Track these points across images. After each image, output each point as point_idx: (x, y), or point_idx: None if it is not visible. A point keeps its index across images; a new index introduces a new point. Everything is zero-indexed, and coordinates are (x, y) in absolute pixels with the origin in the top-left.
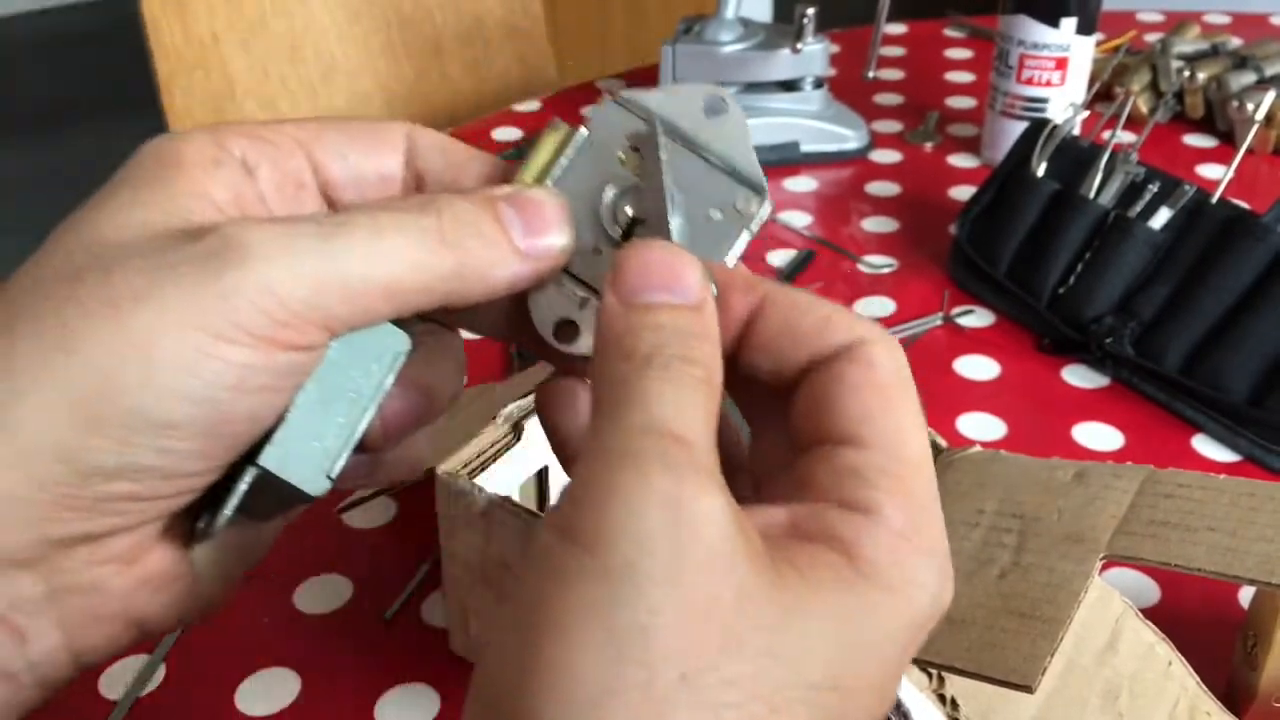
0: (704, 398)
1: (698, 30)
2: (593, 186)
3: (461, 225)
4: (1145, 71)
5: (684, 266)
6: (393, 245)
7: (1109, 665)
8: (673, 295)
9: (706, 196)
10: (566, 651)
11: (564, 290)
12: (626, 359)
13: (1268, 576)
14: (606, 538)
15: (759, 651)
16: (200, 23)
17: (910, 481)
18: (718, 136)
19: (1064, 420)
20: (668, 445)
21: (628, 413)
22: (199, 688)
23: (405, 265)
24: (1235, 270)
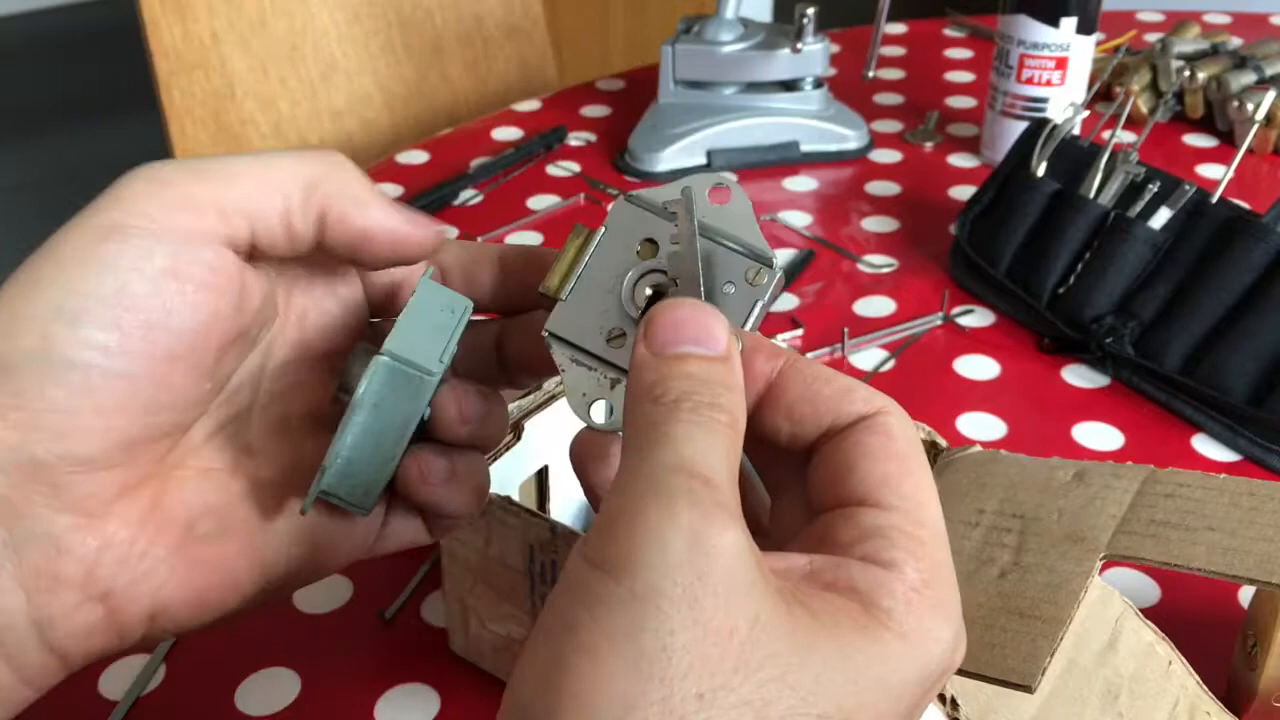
0: (728, 442)
1: (698, 30)
2: (613, 276)
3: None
4: (1145, 71)
5: (711, 321)
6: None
7: (1109, 665)
8: (701, 347)
9: (721, 273)
10: (595, 669)
11: (595, 373)
12: (656, 402)
13: (1268, 576)
14: (633, 565)
15: (772, 678)
16: (200, 23)
17: (929, 544)
18: (724, 218)
19: (1064, 420)
20: (693, 483)
21: (657, 451)
22: (199, 688)
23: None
24: (1235, 270)
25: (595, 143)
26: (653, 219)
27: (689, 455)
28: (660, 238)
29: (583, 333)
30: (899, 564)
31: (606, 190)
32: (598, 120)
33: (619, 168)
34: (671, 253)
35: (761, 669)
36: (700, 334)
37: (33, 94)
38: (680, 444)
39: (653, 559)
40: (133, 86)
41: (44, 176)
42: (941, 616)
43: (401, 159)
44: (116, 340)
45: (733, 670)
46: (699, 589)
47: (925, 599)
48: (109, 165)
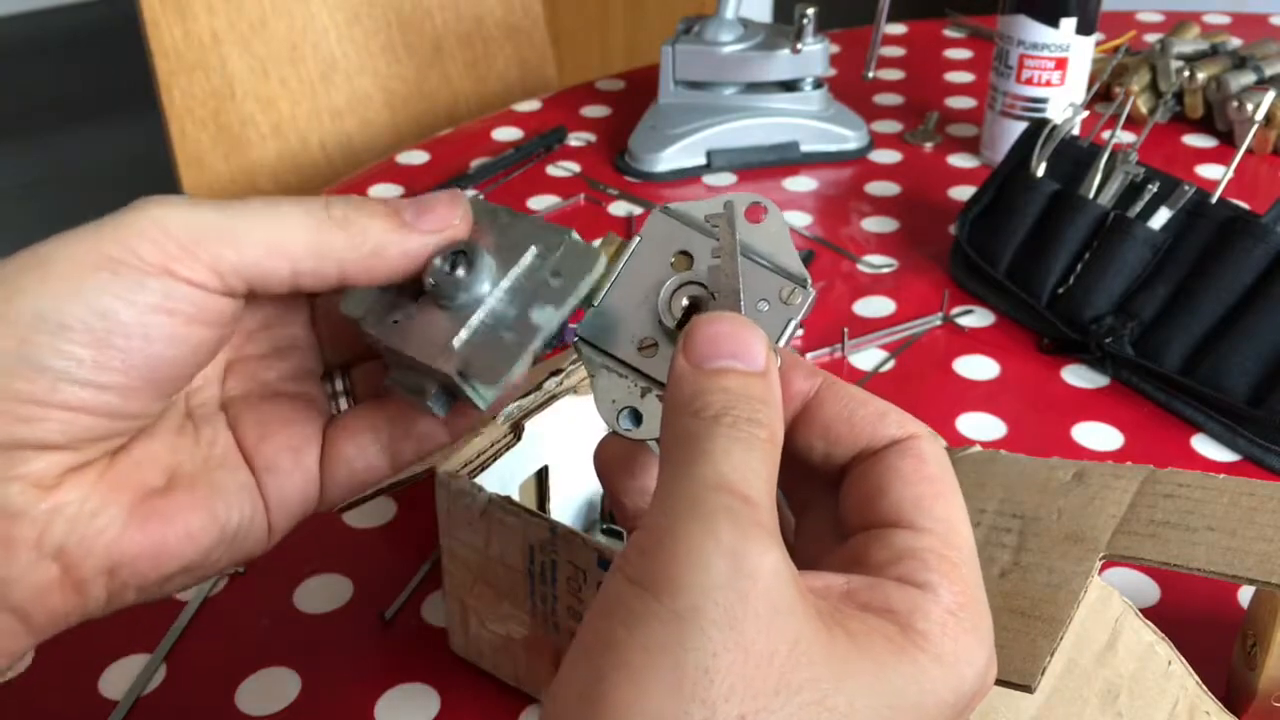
0: (767, 458)
1: (698, 30)
2: (647, 286)
3: (350, 206)
4: (1145, 71)
5: (751, 336)
6: (283, 212)
7: (1109, 665)
8: (740, 362)
9: (755, 291)
10: (635, 688)
11: (626, 381)
12: (696, 416)
13: (1267, 576)
14: (675, 584)
15: (811, 701)
16: (200, 23)
17: (962, 567)
18: (759, 237)
19: (1064, 420)
20: (733, 501)
21: (697, 467)
22: (199, 688)
23: (293, 227)
24: (1235, 270)
25: (595, 143)
26: (689, 232)
27: (728, 472)
28: (697, 251)
29: (614, 340)
30: (934, 586)
31: (606, 190)
32: (598, 120)
33: (619, 168)
34: (711, 266)
35: (801, 692)
36: (740, 349)
37: (33, 94)
38: (720, 460)
39: (694, 579)
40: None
41: (44, 176)
42: (976, 640)
43: (401, 159)
44: (94, 357)
45: (773, 693)
46: (740, 610)
47: (960, 622)
48: (109, 165)
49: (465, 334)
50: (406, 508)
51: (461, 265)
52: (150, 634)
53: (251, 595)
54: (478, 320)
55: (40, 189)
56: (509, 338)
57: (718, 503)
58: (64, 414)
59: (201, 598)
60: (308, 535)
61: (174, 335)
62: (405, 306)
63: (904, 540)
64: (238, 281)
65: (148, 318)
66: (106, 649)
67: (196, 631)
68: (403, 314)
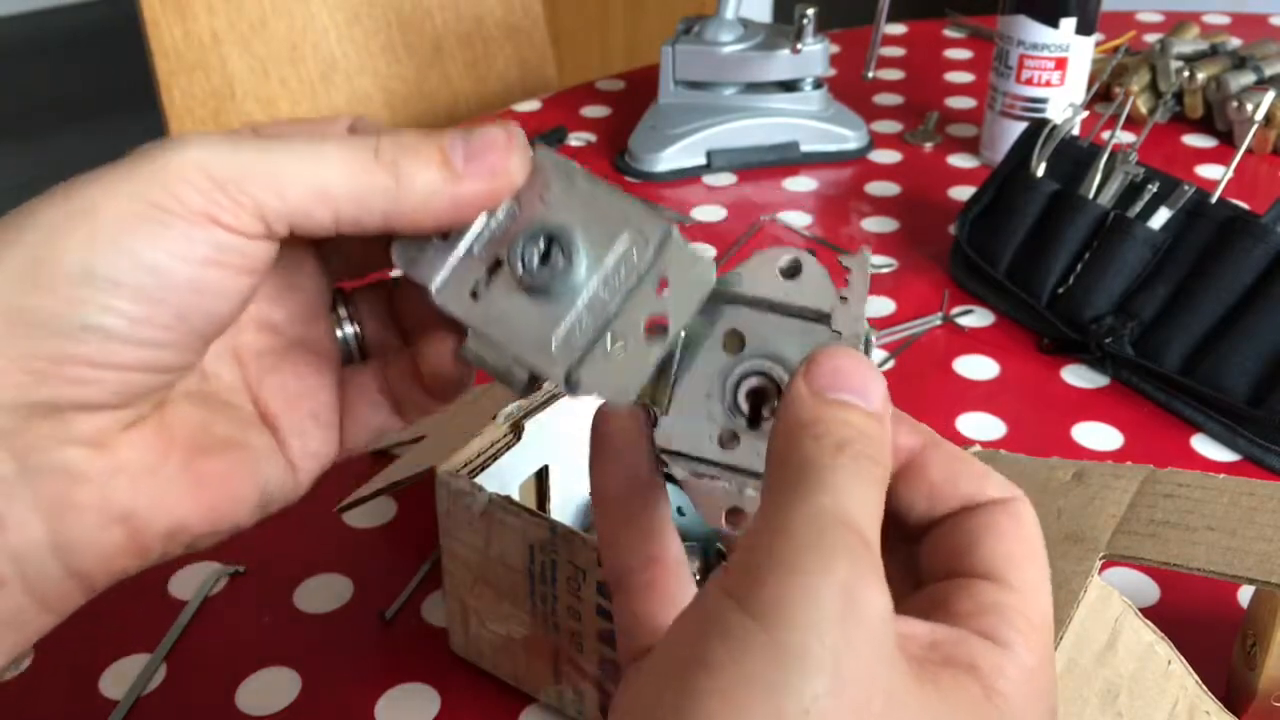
0: (880, 498)
1: (698, 30)
2: (709, 378)
3: (398, 147)
4: (1145, 72)
5: (872, 377)
6: (328, 153)
7: (1109, 665)
8: (860, 400)
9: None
10: (731, 716)
11: (721, 482)
12: (817, 441)
13: (1267, 576)
14: (784, 617)
15: None
16: (200, 23)
17: (1041, 632)
18: (801, 293)
19: (1063, 420)
20: (851, 538)
21: (816, 495)
22: (199, 688)
23: (337, 171)
24: (1234, 270)
25: (595, 143)
26: (730, 308)
27: (849, 507)
28: (744, 329)
29: (696, 442)
30: (1014, 645)
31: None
32: (598, 120)
33: (619, 168)
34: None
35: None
36: (861, 386)
37: (33, 94)
38: (841, 493)
39: (806, 615)
40: (133, 86)
41: (44, 176)
42: (1046, 704)
43: None
44: (145, 313)
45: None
46: (845, 653)
47: (1034, 686)
48: None
49: (564, 332)
50: (406, 508)
51: (557, 254)
52: (150, 634)
53: (251, 595)
54: (577, 317)
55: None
56: (617, 346)
57: (838, 539)
58: (116, 374)
59: (201, 598)
60: (308, 535)
61: (222, 287)
62: (476, 272)
63: (991, 594)
64: (281, 227)
65: (198, 271)
66: (106, 649)
67: (196, 631)
68: (479, 286)
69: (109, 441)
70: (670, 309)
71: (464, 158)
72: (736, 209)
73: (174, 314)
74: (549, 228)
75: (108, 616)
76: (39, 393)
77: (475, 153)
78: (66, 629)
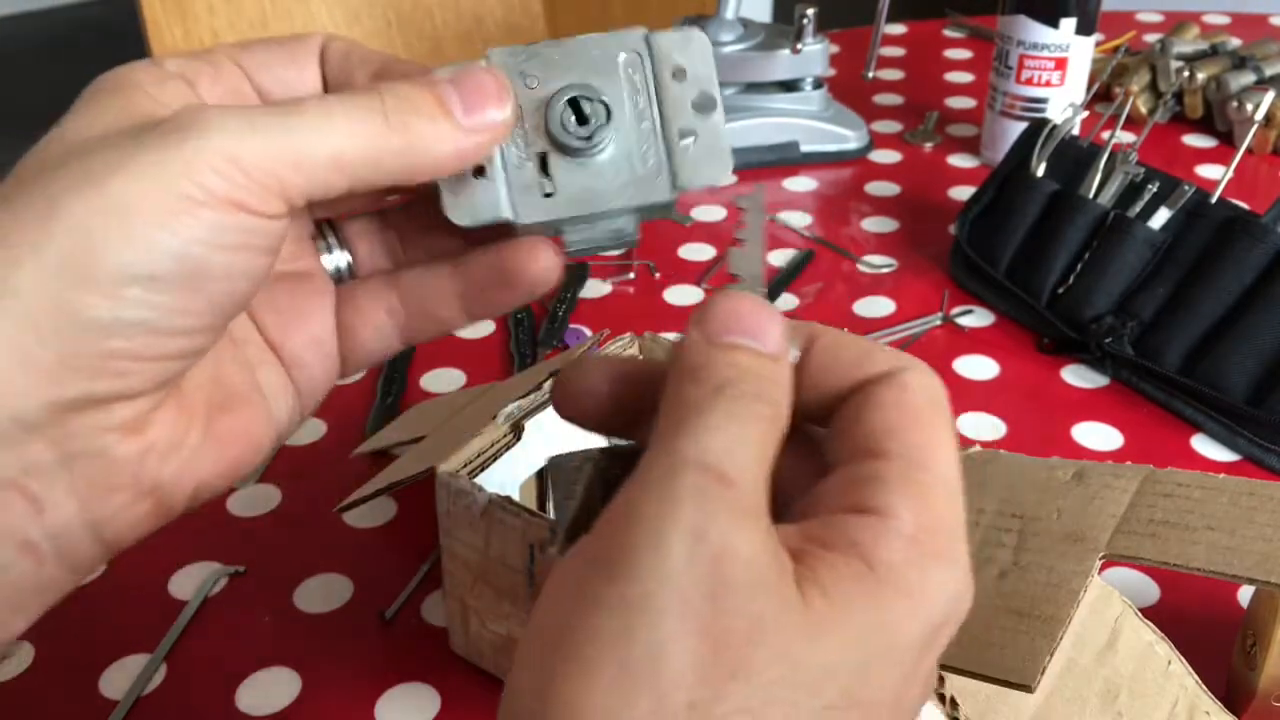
0: (763, 435)
1: None
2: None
3: (404, 105)
4: (1144, 72)
5: (770, 319)
6: (340, 123)
7: (1108, 665)
8: (756, 342)
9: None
10: (582, 677)
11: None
12: (697, 384)
13: (1266, 575)
14: (628, 568)
15: (773, 680)
16: (200, 23)
17: (930, 491)
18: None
19: (1063, 420)
20: (705, 479)
21: (680, 440)
22: (199, 688)
23: (352, 140)
24: (1234, 270)
25: None
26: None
27: (712, 448)
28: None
29: None
30: (894, 510)
31: None
32: None
33: None
34: (732, 251)
35: (766, 670)
36: (754, 328)
37: (33, 94)
38: (705, 435)
39: (648, 562)
40: None
41: None
42: (944, 565)
43: None
44: (182, 303)
45: (729, 677)
46: (694, 595)
47: (925, 548)
48: None
49: (639, 161)
50: (406, 508)
51: (587, 107)
52: (150, 634)
53: (251, 595)
54: (638, 142)
55: None
56: (687, 141)
57: (686, 482)
58: (155, 364)
59: (201, 598)
60: (308, 535)
61: (249, 267)
62: (529, 177)
63: (868, 468)
64: (300, 201)
65: (229, 257)
66: (106, 649)
67: (196, 631)
68: (542, 184)
69: (141, 424)
70: (700, 81)
71: (462, 111)
72: (737, 209)
73: (207, 301)
74: (563, 94)
75: (108, 616)
76: (80, 386)
77: (472, 104)
78: (66, 629)
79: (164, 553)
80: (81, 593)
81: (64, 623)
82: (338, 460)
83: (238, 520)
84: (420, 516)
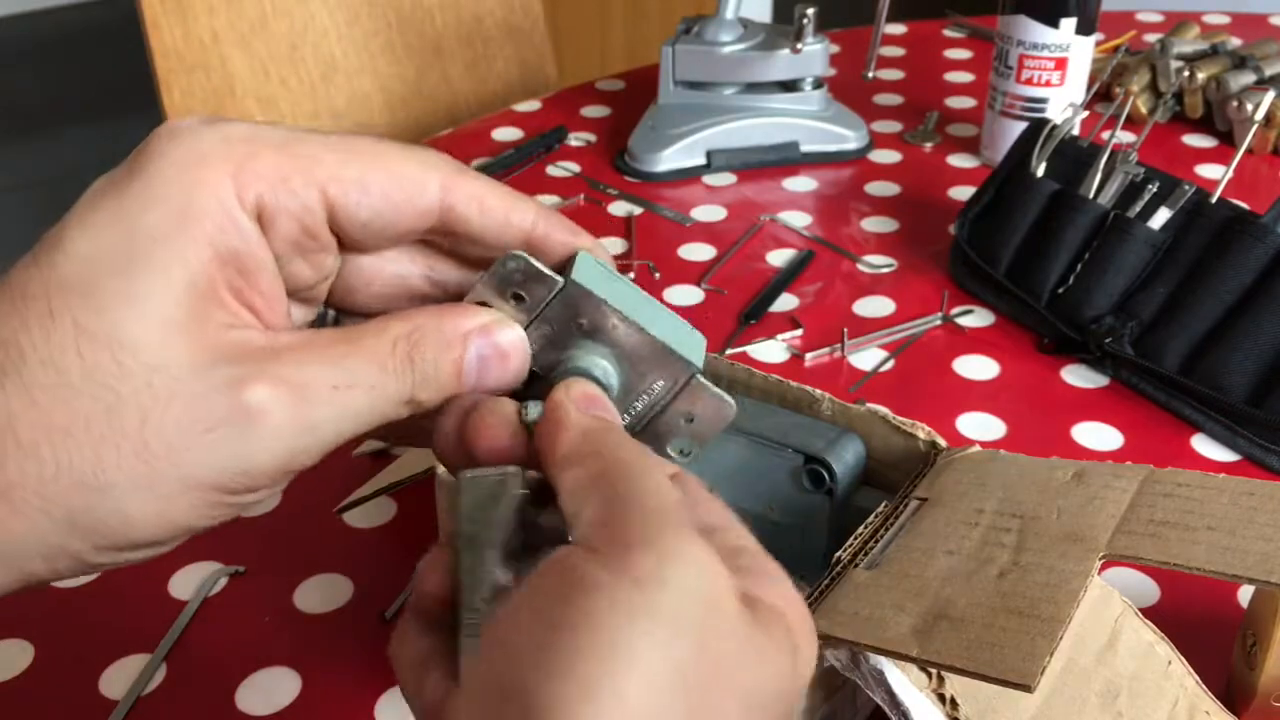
0: None
1: (697, 30)
2: None
3: (427, 384)
4: (1145, 72)
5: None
6: (360, 410)
7: (1108, 665)
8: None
9: None
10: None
11: None
12: None
13: (1267, 575)
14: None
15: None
16: (200, 23)
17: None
18: None
19: (1063, 420)
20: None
21: None
22: (199, 688)
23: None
24: (1234, 270)
25: (595, 143)
26: None
27: None
28: None
29: None
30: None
31: (606, 190)
32: (598, 120)
33: (619, 168)
34: None
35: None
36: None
37: (33, 94)
38: None
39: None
40: (133, 86)
41: (43, 177)
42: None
43: None
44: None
45: None
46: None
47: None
48: (109, 165)
49: None
50: (406, 508)
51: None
52: (150, 634)
53: (251, 595)
54: None
55: (40, 189)
56: None
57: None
58: None
59: (201, 598)
60: (308, 535)
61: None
62: None
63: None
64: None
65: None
66: (106, 649)
67: (196, 631)
68: None
69: None
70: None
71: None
72: (736, 209)
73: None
74: (581, 371)
75: (108, 616)
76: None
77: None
78: (66, 629)
79: None
80: (81, 592)
81: (64, 623)
82: (338, 460)
83: (238, 520)
84: (420, 516)
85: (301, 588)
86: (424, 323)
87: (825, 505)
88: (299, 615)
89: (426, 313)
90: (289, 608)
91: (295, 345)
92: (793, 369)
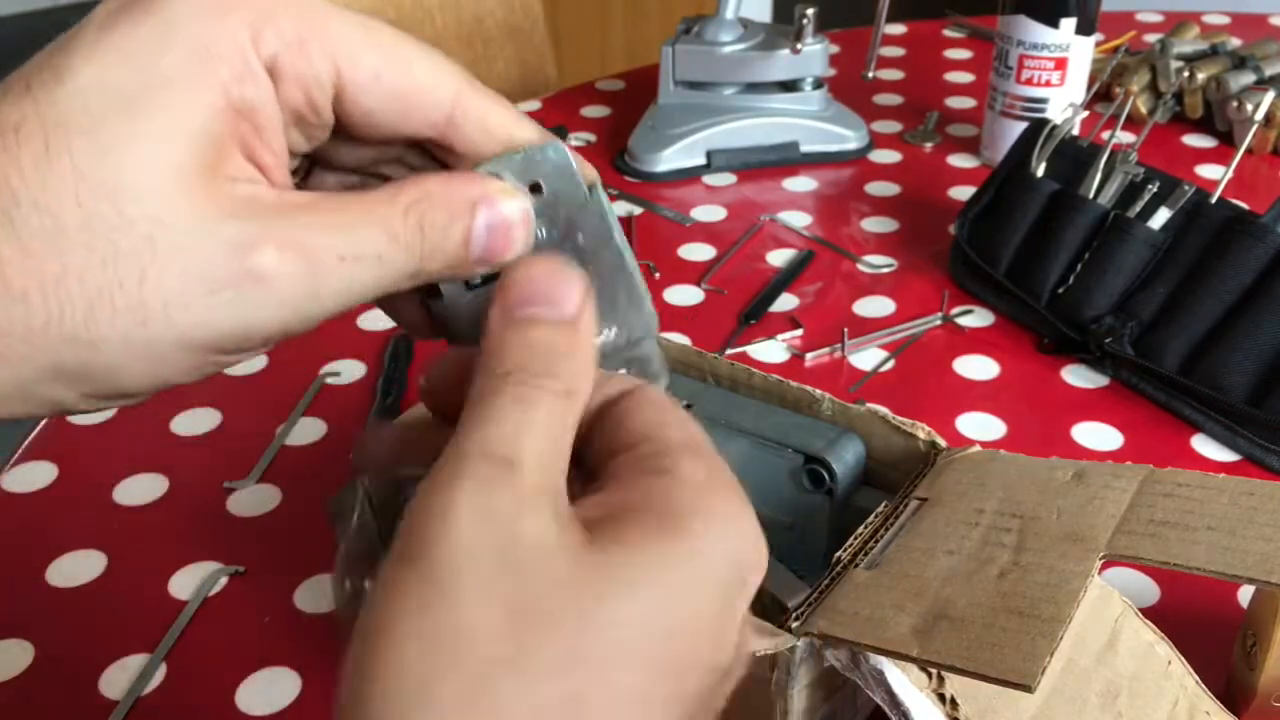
0: (551, 414)
1: (697, 30)
2: None
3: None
4: (1144, 72)
5: (566, 282)
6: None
7: (1108, 665)
8: (553, 309)
9: None
10: (390, 649)
11: None
12: (487, 375)
13: (1267, 575)
14: (422, 554)
15: (576, 629)
16: None
17: (711, 458)
18: None
19: (1063, 420)
20: (491, 468)
21: (466, 435)
22: (199, 687)
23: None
24: (1234, 270)
25: (595, 143)
26: None
27: (492, 436)
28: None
29: None
30: (679, 467)
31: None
32: (598, 120)
33: (619, 168)
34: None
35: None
36: (553, 295)
37: None
38: (489, 425)
39: (438, 546)
40: None
41: None
42: (736, 502)
43: None
44: None
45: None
46: (487, 568)
47: (713, 487)
48: None
49: None
50: None
51: None
52: (150, 634)
53: (251, 595)
54: None
55: None
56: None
57: (468, 470)
58: None
59: (201, 598)
60: (308, 535)
61: None
62: None
63: (647, 446)
64: None
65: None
66: (106, 649)
67: (196, 631)
68: None
69: None
70: None
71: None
72: (736, 209)
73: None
74: None
75: (108, 616)
76: None
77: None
78: (66, 629)
79: (164, 553)
80: (81, 592)
81: (64, 623)
82: (338, 460)
83: (238, 520)
84: None
85: (301, 588)
86: (434, 189)
87: (825, 505)
88: (299, 615)
89: (435, 179)
90: (289, 608)
91: (305, 205)
92: (793, 369)
